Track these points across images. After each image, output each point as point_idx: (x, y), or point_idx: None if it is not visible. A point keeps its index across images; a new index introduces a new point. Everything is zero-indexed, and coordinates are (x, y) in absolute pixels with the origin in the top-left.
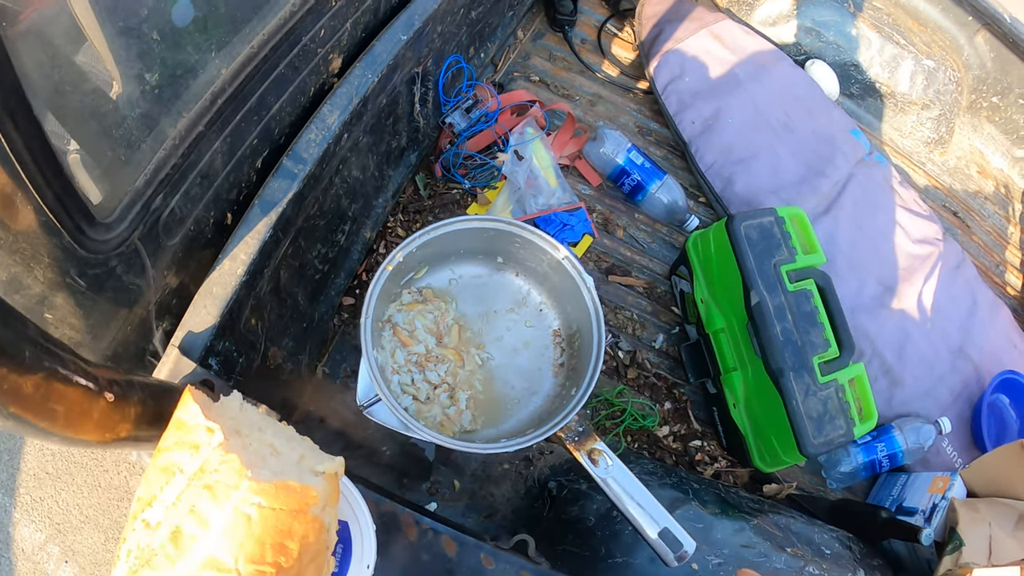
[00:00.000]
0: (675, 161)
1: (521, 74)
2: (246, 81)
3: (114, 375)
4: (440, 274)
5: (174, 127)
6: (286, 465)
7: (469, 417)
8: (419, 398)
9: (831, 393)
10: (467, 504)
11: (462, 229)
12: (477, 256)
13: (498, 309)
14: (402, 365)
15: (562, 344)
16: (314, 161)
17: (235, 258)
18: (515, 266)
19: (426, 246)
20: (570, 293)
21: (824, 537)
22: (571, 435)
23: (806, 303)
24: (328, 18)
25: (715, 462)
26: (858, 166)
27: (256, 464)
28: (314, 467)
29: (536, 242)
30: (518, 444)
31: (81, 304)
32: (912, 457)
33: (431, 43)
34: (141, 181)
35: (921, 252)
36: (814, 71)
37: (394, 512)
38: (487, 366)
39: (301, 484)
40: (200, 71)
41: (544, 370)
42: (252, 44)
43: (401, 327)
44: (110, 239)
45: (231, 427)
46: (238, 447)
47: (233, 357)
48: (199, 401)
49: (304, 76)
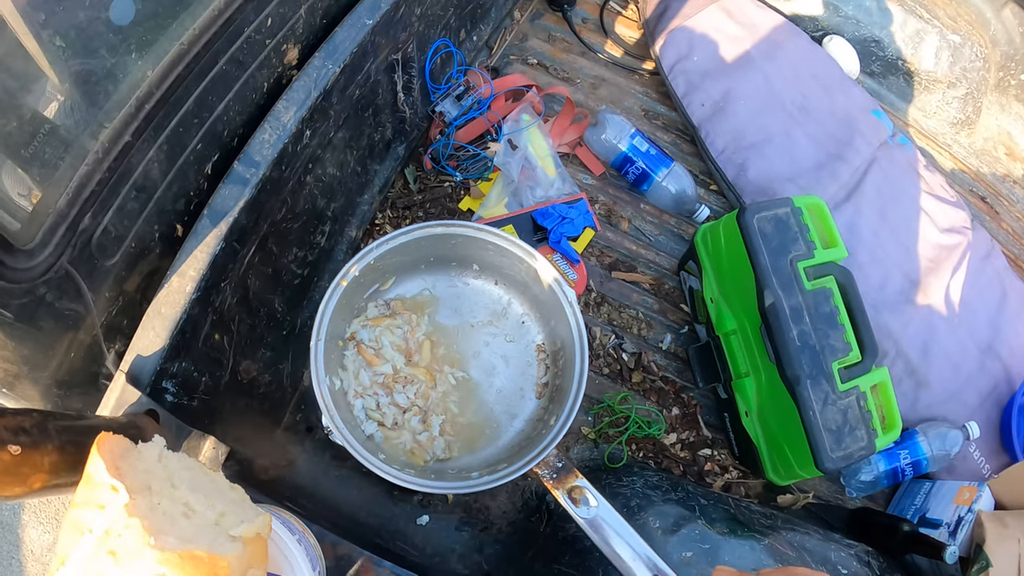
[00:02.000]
0: (684, 147)
1: (518, 57)
2: (178, 82)
3: (23, 422)
4: (410, 284)
5: (95, 139)
6: (199, 528)
7: (443, 444)
8: (385, 424)
9: (851, 402)
10: (461, 518)
11: (424, 236)
12: (450, 263)
13: (475, 322)
14: (367, 387)
15: (546, 361)
16: (269, 163)
17: (183, 275)
18: (493, 274)
19: (387, 256)
20: (553, 306)
21: (841, 555)
22: (549, 472)
23: (825, 303)
24: (275, 5)
25: (726, 472)
26: (880, 149)
27: (163, 529)
28: (231, 530)
29: (510, 249)
30: (486, 483)
31: (11, 335)
32: (937, 464)
33: (409, 27)
34: (63, 201)
35: (949, 242)
36: (832, 48)
37: (351, 555)
38: (463, 386)
39: (210, 553)
40: (121, 75)
41: (526, 390)
42: (182, 41)
43: (366, 345)
44: (34, 266)
45: (142, 483)
46: (144, 508)
47: (194, 377)
48: (108, 454)
49: (252, 71)
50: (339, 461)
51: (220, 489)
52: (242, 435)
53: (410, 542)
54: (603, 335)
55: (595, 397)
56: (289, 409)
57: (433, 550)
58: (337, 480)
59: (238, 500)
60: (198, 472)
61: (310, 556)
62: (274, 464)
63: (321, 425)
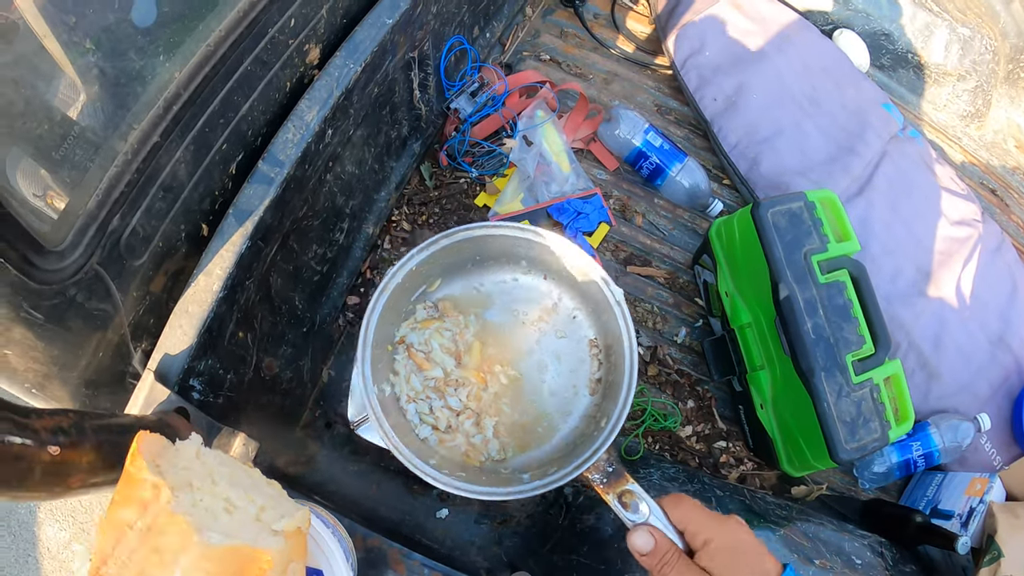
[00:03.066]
0: (697, 141)
1: (531, 53)
2: (204, 83)
3: (61, 422)
4: (457, 284)
5: (124, 141)
6: (241, 523)
7: (497, 445)
8: (439, 427)
9: (865, 394)
10: (480, 510)
11: (466, 239)
12: (499, 260)
13: (526, 319)
14: (419, 392)
15: (600, 356)
16: (293, 162)
17: (210, 273)
18: (542, 269)
19: (430, 260)
20: (601, 302)
21: (855, 545)
22: (600, 475)
23: (839, 296)
24: (298, 6)
25: (741, 464)
26: (891, 143)
27: (207, 524)
28: (272, 524)
29: (553, 248)
30: (538, 488)
31: (42, 337)
32: (949, 456)
33: (426, 25)
34: (93, 203)
35: (960, 234)
36: (842, 41)
37: (381, 547)
38: (515, 385)
39: (253, 548)
40: (149, 77)
41: (579, 387)
42: (208, 42)
43: (416, 348)
44: (64, 267)
45: (183, 479)
46: (187, 505)
47: (219, 375)
48: (147, 452)
49: (276, 71)
50: (358, 456)
51: (257, 484)
52: (265, 431)
53: (430, 535)
54: None
55: None
56: (309, 405)
57: (453, 543)
58: (356, 475)
59: (276, 495)
60: (235, 468)
61: (343, 549)
62: (295, 460)
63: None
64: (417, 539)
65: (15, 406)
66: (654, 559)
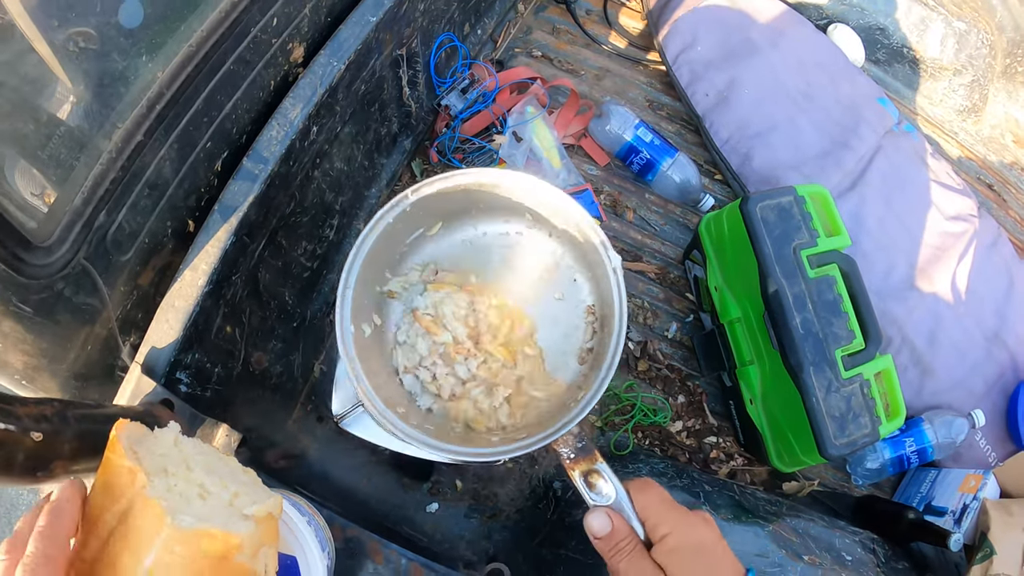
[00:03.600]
0: (689, 136)
1: (523, 50)
2: (187, 82)
3: (44, 410)
4: (458, 231)
5: (109, 139)
6: (213, 508)
7: (507, 411)
8: (443, 395)
9: (855, 389)
10: (470, 504)
11: (472, 183)
12: (502, 211)
13: (528, 277)
14: (424, 357)
15: (595, 324)
16: (277, 159)
17: (196, 268)
18: (547, 226)
19: (428, 202)
20: (599, 267)
21: (845, 542)
22: (568, 450)
23: (828, 291)
24: (281, 5)
25: (731, 460)
26: (886, 137)
27: (179, 508)
28: (244, 509)
29: (559, 204)
30: (505, 453)
31: (30, 330)
32: (943, 452)
33: (413, 22)
34: (79, 200)
35: (955, 229)
36: (837, 36)
37: (360, 537)
38: (534, 362)
39: (224, 531)
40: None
41: (569, 355)
42: (190, 43)
43: (423, 312)
44: (51, 262)
45: (158, 465)
46: (162, 490)
47: (207, 368)
48: (126, 438)
49: (259, 70)
50: (349, 451)
51: (233, 472)
52: (254, 425)
53: (419, 529)
54: None
55: None
56: (300, 399)
57: (442, 537)
58: (348, 469)
59: (250, 482)
60: (212, 456)
61: (319, 538)
62: (286, 453)
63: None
64: (407, 532)
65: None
66: (608, 544)
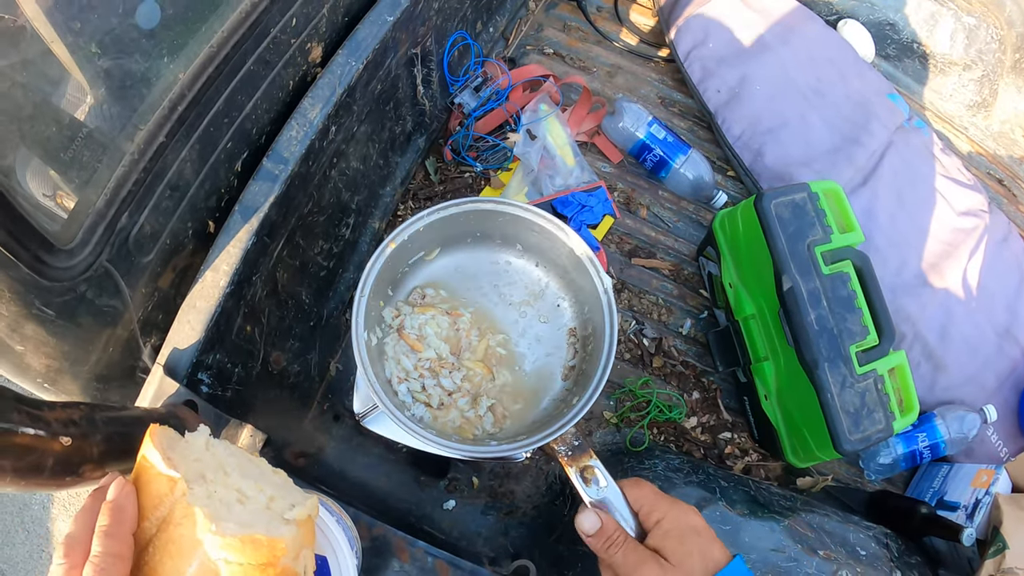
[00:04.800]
0: (701, 133)
1: (534, 47)
2: (208, 83)
3: (72, 414)
4: (453, 257)
5: (131, 141)
6: (254, 513)
7: (492, 419)
8: (432, 404)
9: (869, 385)
10: (486, 502)
11: (474, 211)
12: (496, 240)
13: (511, 301)
14: (410, 371)
15: (576, 345)
16: (297, 159)
17: (217, 269)
18: (535, 256)
19: (434, 227)
20: (588, 292)
21: (860, 536)
22: (565, 448)
23: (843, 287)
24: (300, 5)
25: (746, 455)
26: (897, 133)
27: (222, 515)
28: (283, 514)
29: (555, 232)
30: (505, 451)
31: (53, 332)
32: (955, 448)
33: (428, 21)
34: (101, 202)
35: (966, 225)
36: (847, 31)
37: (386, 536)
38: (514, 375)
39: (269, 536)
40: (154, 79)
41: (554, 371)
42: (211, 44)
43: (408, 331)
44: (74, 265)
45: (195, 471)
46: (202, 496)
47: (227, 368)
48: (160, 445)
49: (279, 70)
50: (366, 449)
51: (265, 474)
52: (273, 424)
53: (437, 526)
54: (624, 321)
55: (616, 382)
56: (317, 398)
57: (460, 533)
58: (365, 467)
59: (283, 484)
60: (243, 459)
61: (348, 537)
62: (303, 452)
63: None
64: (424, 529)
65: (28, 399)
66: (600, 540)
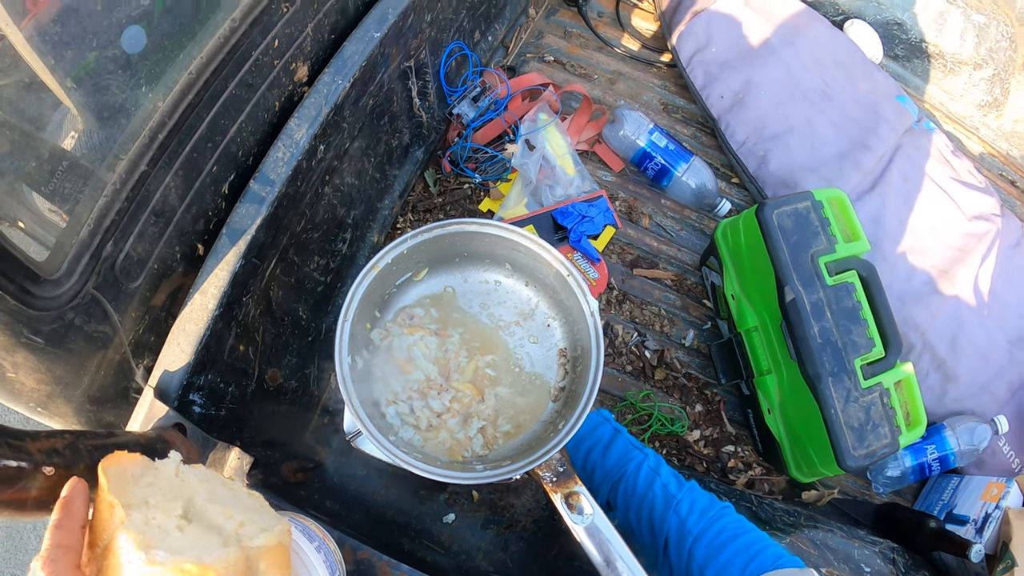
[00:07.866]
0: (704, 139)
1: (534, 55)
2: (189, 110)
3: (56, 444)
4: (442, 277)
5: (112, 171)
6: (192, 539)
7: (482, 441)
8: (420, 427)
9: (875, 399)
10: (486, 515)
11: (459, 232)
12: (484, 260)
13: (501, 322)
14: (399, 393)
15: (566, 366)
16: (284, 180)
17: (205, 292)
18: (525, 275)
19: (421, 248)
20: (577, 313)
21: (865, 552)
22: (550, 474)
23: (847, 298)
24: (282, 26)
25: (749, 469)
26: (906, 136)
27: (154, 542)
28: (251, 540)
29: (540, 253)
30: (489, 477)
31: (44, 359)
32: (965, 460)
33: (420, 34)
34: (85, 232)
35: (977, 230)
36: (853, 32)
37: (371, 560)
38: (501, 396)
39: (198, 564)
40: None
41: (544, 392)
42: (190, 71)
43: (396, 353)
44: (61, 294)
45: (140, 498)
46: (140, 523)
47: (220, 388)
48: (116, 473)
49: (263, 92)
50: (366, 460)
51: (239, 498)
52: (270, 439)
53: (436, 540)
54: (625, 332)
55: (617, 395)
56: (317, 411)
57: (459, 548)
58: (364, 480)
59: (257, 507)
60: (216, 483)
61: (329, 563)
62: (302, 467)
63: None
64: (423, 543)
65: (10, 429)
66: None
